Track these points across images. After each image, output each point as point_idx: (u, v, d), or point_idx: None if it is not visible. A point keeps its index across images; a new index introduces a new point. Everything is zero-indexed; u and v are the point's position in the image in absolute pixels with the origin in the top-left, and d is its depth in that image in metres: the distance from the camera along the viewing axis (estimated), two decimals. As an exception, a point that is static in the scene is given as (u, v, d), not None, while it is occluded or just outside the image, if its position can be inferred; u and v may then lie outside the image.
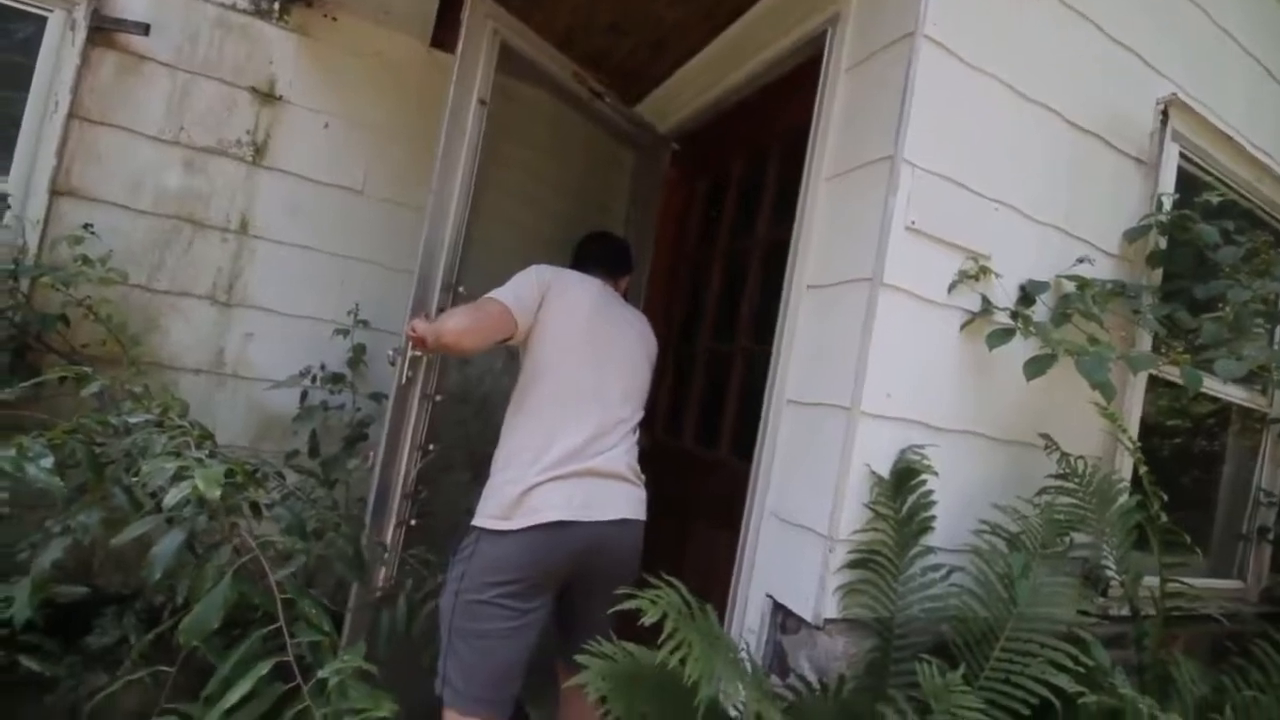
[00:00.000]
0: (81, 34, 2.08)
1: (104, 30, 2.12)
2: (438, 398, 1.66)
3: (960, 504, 1.39)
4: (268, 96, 2.36)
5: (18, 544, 1.42)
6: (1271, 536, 2.10)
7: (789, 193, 1.64)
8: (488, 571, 1.31)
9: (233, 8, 2.31)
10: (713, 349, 2.22)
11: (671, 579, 1.07)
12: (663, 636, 0.94)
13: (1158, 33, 1.72)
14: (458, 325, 1.36)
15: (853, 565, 1.28)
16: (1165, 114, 1.73)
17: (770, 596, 1.41)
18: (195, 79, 2.26)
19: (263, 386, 2.33)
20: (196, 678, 0.86)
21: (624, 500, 1.46)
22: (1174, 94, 1.71)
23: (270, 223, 2.38)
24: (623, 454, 1.48)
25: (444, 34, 2.45)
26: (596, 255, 1.74)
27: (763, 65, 1.86)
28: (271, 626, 0.88)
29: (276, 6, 2.36)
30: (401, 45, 2.52)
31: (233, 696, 0.80)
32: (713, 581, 1.81)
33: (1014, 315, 1.39)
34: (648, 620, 0.94)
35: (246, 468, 1.40)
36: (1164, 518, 1.27)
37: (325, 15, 2.43)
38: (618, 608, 0.99)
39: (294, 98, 2.39)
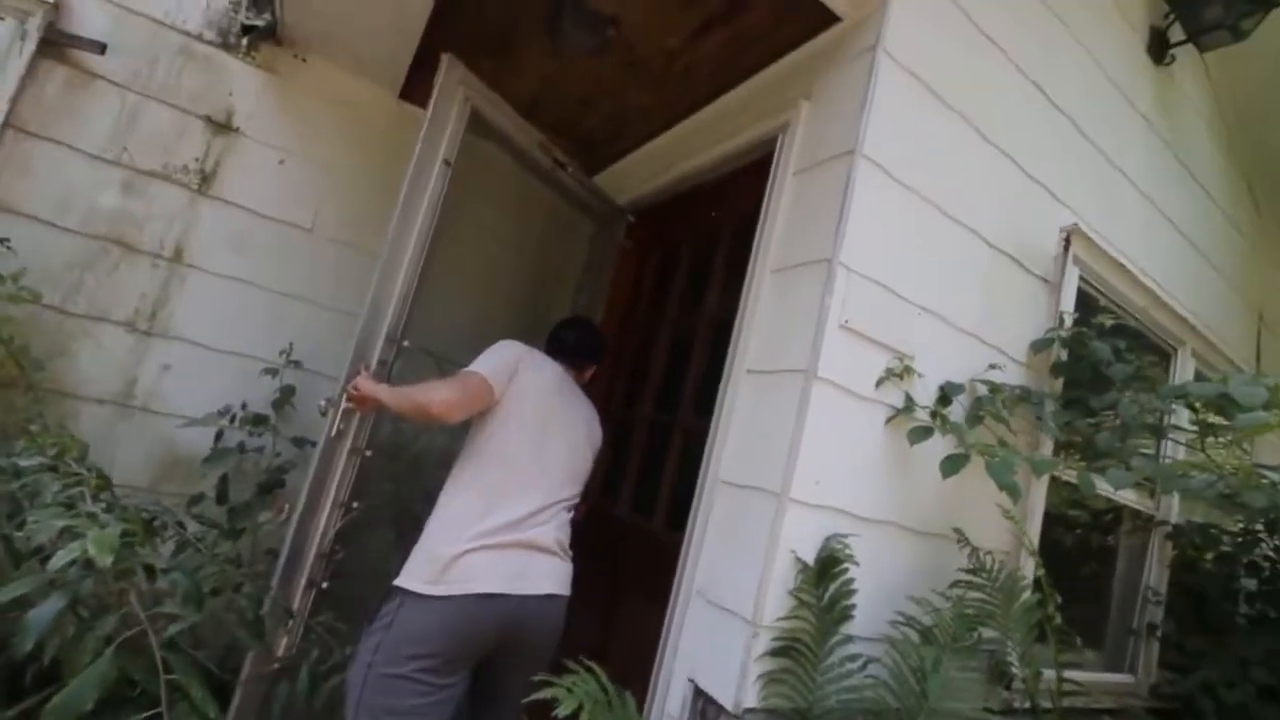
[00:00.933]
0: (31, 45, 2.02)
1: (57, 44, 2.06)
2: (368, 453, 1.61)
3: (879, 593, 1.43)
4: (222, 127, 2.32)
5: None
6: (1159, 634, 2.24)
7: (736, 274, 1.72)
8: (407, 643, 1.26)
9: (198, 38, 2.29)
10: (654, 419, 2.25)
11: (591, 664, 1.05)
12: (578, 728, 0.92)
13: (1065, 169, 1.94)
14: (447, 398, 1.39)
15: (774, 653, 1.29)
16: (1068, 241, 1.93)
17: (692, 681, 1.39)
18: (147, 102, 2.21)
19: (175, 423, 2.19)
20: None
21: (552, 575, 1.47)
22: (1075, 224, 1.92)
23: (208, 253, 2.30)
24: (554, 530, 1.50)
25: (413, 87, 2.50)
26: (567, 343, 1.81)
27: (718, 157, 1.98)
28: (151, 712, 0.80)
29: (245, 42, 2.36)
30: (370, 93, 2.55)
31: (97, 788, 0.71)
32: (639, 658, 1.77)
33: (933, 414, 1.48)
34: (563, 711, 0.91)
35: (144, 518, 1.30)
36: (1059, 618, 1.35)
37: (295, 55, 2.44)
38: (534, 696, 0.96)
39: (251, 131, 2.36)
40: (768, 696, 1.27)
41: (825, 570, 1.34)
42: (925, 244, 1.57)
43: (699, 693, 1.37)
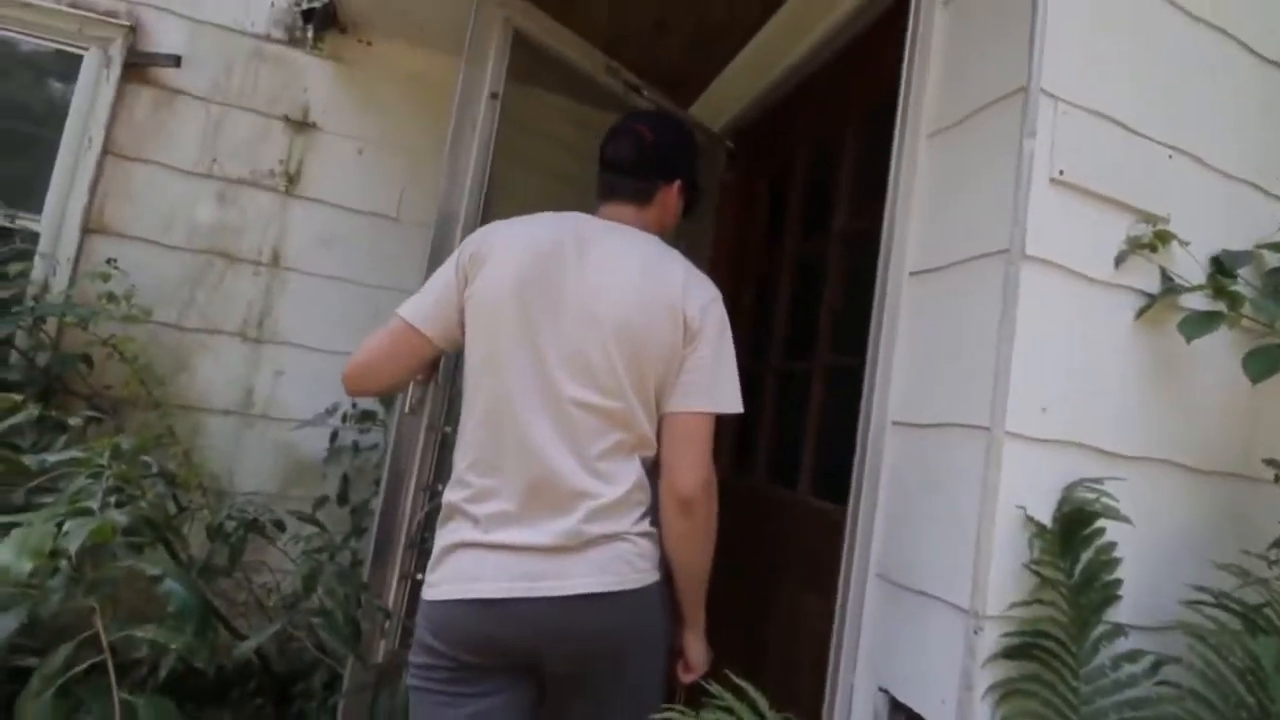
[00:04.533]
0: (116, 71, 2.05)
1: (138, 66, 2.09)
2: (447, 429, 1.40)
3: (1156, 562, 0.98)
4: (301, 124, 2.27)
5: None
6: None
7: (869, 173, 1.33)
8: (417, 648, 0.99)
9: (267, 38, 2.26)
10: (785, 368, 1.88)
11: (743, 683, 0.73)
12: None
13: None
14: (349, 369, 1.09)
15: (1010, 654, 0.89)
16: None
17: (885, 691, 1.03)
18: (229, 111, 2.20)
19: (289, 426, 2.16)
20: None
21: (584, 569, 0.97)
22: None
23: (302, 254, 2.26)
24: (573, 520, 0.96)
25: (480, 50, 2.32)
26: (613, 162, 1.15)
27: (829, 30, 1.59)
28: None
29: (310, 35, 2.29)
30: (437, 64, 2.39)
31: None
32: (798, 658, 1.44)
33: (1217, 292, 1.00)
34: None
35: (245, 518, 1.18)
36: None
37: (360, 40, 2.35)
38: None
39: (327, 125, 2.30)
40: (1009, 715, 0.88)
41: (1072, 532, 0.92)
42: (1167, 58, 1.08)
43: (897, 707, 1.01)
